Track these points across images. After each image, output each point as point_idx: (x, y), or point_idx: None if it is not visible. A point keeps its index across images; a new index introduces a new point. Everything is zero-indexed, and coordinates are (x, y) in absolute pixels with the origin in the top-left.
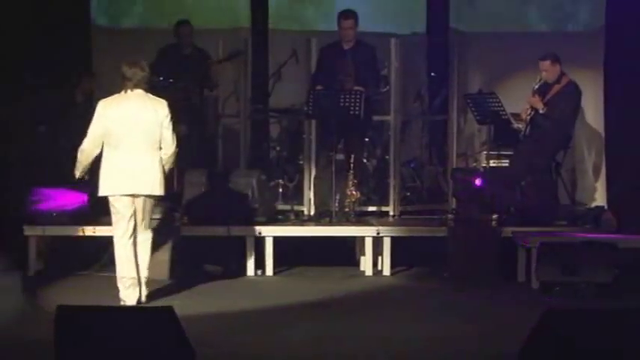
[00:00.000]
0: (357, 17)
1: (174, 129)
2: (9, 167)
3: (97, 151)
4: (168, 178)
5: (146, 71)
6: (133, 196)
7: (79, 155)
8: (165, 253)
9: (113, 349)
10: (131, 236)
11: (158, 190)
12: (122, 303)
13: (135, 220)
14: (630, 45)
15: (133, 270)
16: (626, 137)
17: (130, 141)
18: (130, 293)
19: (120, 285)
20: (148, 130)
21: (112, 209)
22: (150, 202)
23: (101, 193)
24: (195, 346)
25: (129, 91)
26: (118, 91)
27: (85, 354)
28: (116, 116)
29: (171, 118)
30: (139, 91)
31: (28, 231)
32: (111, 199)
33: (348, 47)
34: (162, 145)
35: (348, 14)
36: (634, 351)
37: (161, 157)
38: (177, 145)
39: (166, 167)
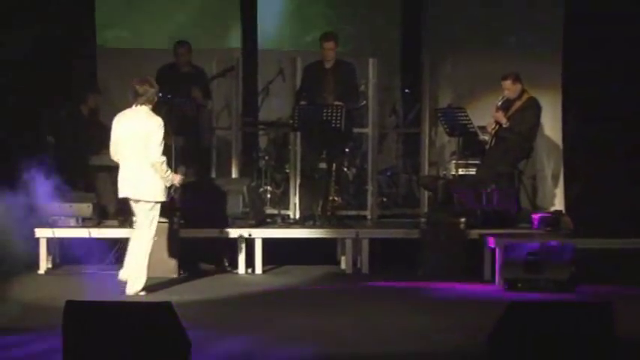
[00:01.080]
0: (337, 39)
1: (168, 141)
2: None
3: (115, 156)
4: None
5: (155, 87)
6: (131, 199)
7: None
8: (172, 253)
9: (116, 340)
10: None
11: (145, 195)
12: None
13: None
14: (584, 65)
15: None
16: (582, 148)
17: (127, 151)
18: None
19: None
20: (137, 142)
21: None
22: (140, 206)
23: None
24: (190, 329)
25: (139, 106)
26: (129, 106)
27: (90, 344)
28: (120, 128)
29: (162, 134)
30: (144, 108)
31: (39, 233)
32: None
33: (329, 66)
34: (149, 155)
35: (329, 36)
36: (585, 337)
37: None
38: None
39: (159, 175)
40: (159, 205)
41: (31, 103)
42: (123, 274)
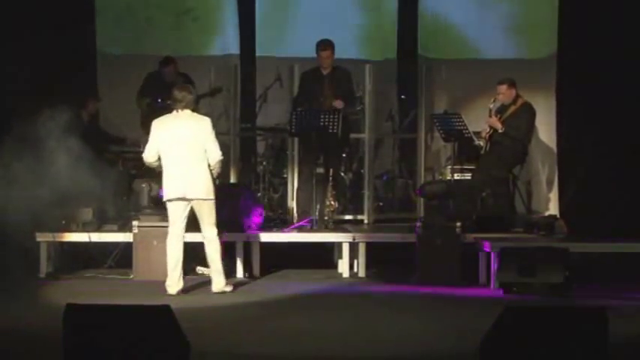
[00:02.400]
0: (334, 46)
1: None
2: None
3: (153, 160)
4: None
5: (193, 94)
6: (184, 199)
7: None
8: None
9: (116, 343)
10: (179, 237)
11: (206, 194)
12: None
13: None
14: (579, 71)
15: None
16: (576, 153)
17: (176, 154)
18: (169, 285)
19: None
20: (190, 144)
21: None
22: (203, 205)
23: (164, 198)
24: (189, 336)
25: (179, 111)
26: (169, 112)
27: (89, 347)
28: (165, 132)
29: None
30: (187, 111)
31: (40, 237)
32: (167, 203)
33: (326, 72)
34: (208, 155)
35: (326, 45)
36: (579, 342)
37: (208, 165)
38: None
39: (214, 173)
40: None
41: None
42: (216, 285)
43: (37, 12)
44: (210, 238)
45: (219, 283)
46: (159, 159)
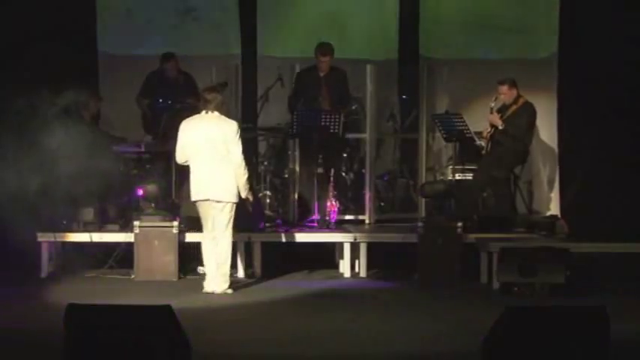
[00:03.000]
0: (334, 51)
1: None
2: None
3: (183, 160)
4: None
5: (222, 94)
6: (208, 200)
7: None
8: (172, 257)
9: (117, 343)
10: (212, 236)
11: (227, 196)
12: (203, 290)
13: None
14: (580, 71)
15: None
16: (577, 153)
17: (203, 156)
18: (207, 284)
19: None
20: (216, 146)
21: None
22: (220, 206)
23: (192, 199)
24: (189, 336)
25: (209, 112)
26: (199, 112)
27: (90, 348)
28: (193, 133)
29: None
30: (216, 113)
31: (41, 237)
32: (196, 204)
33: (323, 74)
34: (232, 158)
35: (326, 51)
36: (580, 342)
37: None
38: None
39: (237, 177)
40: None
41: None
42: (208, 285)
43: (36, 12)
44: (222, 239)
45: (222, 284)
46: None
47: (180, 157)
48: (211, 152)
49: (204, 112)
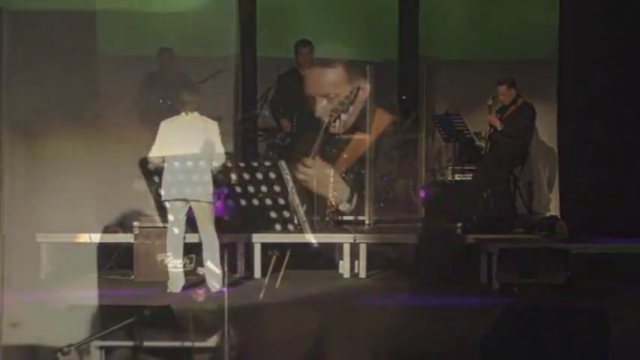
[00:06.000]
0: (312, 46)
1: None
2: None
3: (159, 161)
4: None
5: (199, 95)
6: (185, 200)
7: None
8: None
9: (117, 343)
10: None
11: (204, 196)
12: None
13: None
14: (579, 71)
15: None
16: (577, 154)
17: (180, 155)
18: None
19: None
20: (197, 146)
21: None
22: (203, 207)
23: (162, 198)
24: (189, 336)
25: (189, 113)
26: (178, 113)
27: (90, 348)
28: (173, 134)
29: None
30: (195, 114)
31: (40, 237)
32: (166, 203)
33: (304, 72)
34: (213, 158)
35: (306, 42)
36: (580, 342)
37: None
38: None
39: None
40: None
41: None
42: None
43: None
44: (208, 240)
45: (216, 284)
46: (163, 160)
47: (155, 156)
48: (190, 152)
49: (183, 113)
